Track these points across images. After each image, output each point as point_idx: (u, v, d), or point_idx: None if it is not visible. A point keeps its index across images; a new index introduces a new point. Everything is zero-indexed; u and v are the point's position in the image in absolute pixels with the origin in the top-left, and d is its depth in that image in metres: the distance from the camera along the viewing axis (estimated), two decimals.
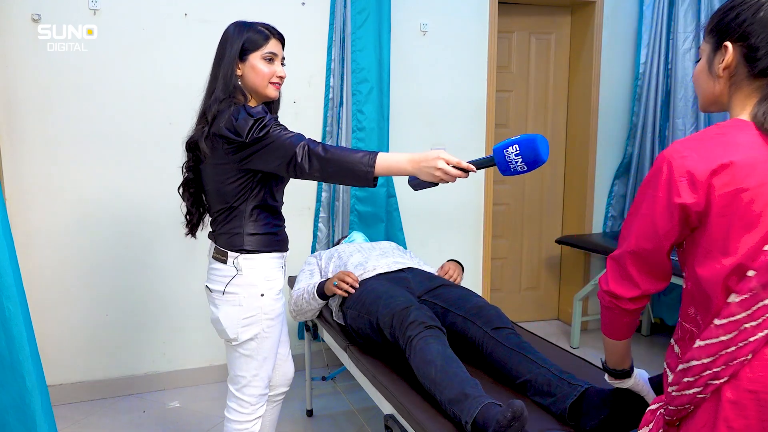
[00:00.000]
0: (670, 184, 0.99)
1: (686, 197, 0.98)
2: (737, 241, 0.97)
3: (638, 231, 1.05)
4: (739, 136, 1.00)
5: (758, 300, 0.96)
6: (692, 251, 1.03)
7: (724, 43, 1.05)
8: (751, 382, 0.97)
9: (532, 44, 3.74)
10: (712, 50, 1.09)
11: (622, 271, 1.08)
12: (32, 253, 2.71)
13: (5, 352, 1.59)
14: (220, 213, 1.68)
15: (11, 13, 2.57)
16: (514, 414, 1.34)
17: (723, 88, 1.08)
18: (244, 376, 1.73)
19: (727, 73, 1.06)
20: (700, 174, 0.97)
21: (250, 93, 1.68)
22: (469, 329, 1.86)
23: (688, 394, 1.02)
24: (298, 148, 1.52)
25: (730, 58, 1.04)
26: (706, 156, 0.98)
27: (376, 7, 2.99)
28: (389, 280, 2.14)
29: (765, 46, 1.01)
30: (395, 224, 3.18)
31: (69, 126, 2.70)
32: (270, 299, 1.69)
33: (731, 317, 0.97)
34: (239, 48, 1.63)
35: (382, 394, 1.79)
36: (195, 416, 2.71)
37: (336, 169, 1.53)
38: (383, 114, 3.07)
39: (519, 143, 1.38)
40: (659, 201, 1.02)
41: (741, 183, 0.96)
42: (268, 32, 1.66)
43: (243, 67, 1.65)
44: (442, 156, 1.47)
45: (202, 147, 1.60)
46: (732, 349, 0.97)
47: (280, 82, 1.69)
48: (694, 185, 0.97)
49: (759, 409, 0.96)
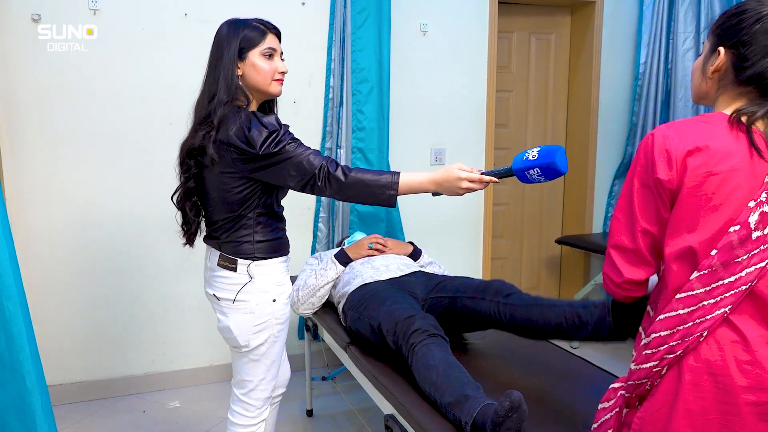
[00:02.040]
0: (652, 161, 1.04)
1: (662, 173, 1.02)
2: (704, 221, 1.00)
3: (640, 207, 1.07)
4: (720, 126, 1.03)
5: (717, 278, 0.99)
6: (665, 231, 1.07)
7: (718, 48, 1.09)
8: (708, 364, 0.99)
9: (532, 44, 3.74)
10: (709, 50, 1.12)
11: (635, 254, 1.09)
12: (32, 253, 2.71)
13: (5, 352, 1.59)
14: (225, 221, 1.64)
15: (11, 13, 2.57)
16: (511, 404, 1.33)
17: (711, 87, 1.12)
18: (252, 380, 1.71)
19: (717, 76, 1.10)
20: (676, 152, 1.01)
21: (252, 92, 1.64)
22: (481, 306, 1.90)
23: (645, 367, 1.05)
24: (317, 170, 1.52)
25: (720, 63, 1.08)
26: (685, 138, 1.02)
27: (376, 7, 2.99)
28: (393, 284, 2.15)
29: (754, 57, 1.04)
30: (395, 224, 3.18)
31: (69, 126, 2.70)
32: (281, 304, 1.68)
33: (690, 292, 1.01)
34: (237, 47, 1.58)
35: (382, 394, 1.79)
36: (195, 416, 2.71)
37: (356, 192, 1.55)
38: (383, 114, 3.07)
39: (540, 167, 1.41)
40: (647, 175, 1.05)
41: (713, 167, 0.99)
42: (264, 27, 1.62)
43: (243, 67, 1.60)
44: (463, 172, 1.52)
45: (210, 153, 1.54)
46: (689, 325, 1.00)
47: (282, 78, 1.65)
48: (669, 162, 1.02)
49: (717, 391, 0.98)
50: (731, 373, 0.97)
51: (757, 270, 0.97)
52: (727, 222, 0.99)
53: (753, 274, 0.97)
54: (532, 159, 1.42)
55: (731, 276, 0.98)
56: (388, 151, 3.11)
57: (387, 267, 2.27)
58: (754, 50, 1.04)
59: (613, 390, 1.16)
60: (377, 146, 3.05)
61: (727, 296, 0.98)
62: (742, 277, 0.98)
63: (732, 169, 0.99)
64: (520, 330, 1.85)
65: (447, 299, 2.01)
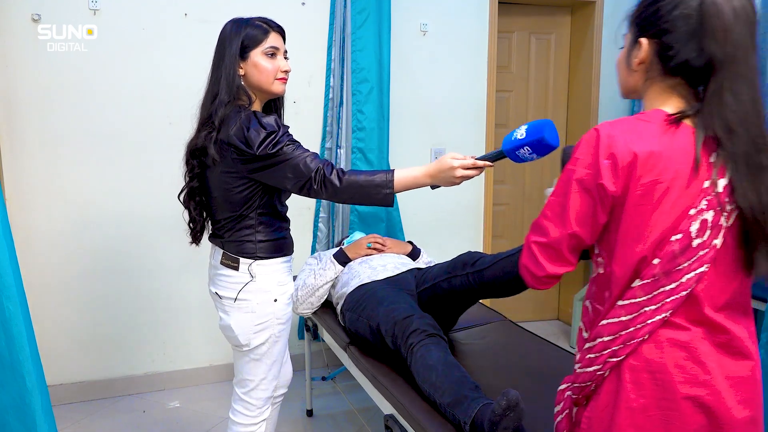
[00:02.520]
0: (596, 164, 1.00)
1: (606, 180, 0.99)
2: (649, 230, 0.99)
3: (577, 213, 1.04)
4: (664, 127, 1.00)
5: (659, 286, 0.99)
6: (609, 237, 1.05)
7: (640, 39, 1.05)
8: (647, 363, 1.01)
9: (532, 44, 3.74)
10: (631, 42, 1.08)
11: (557, 253, 1.07)
12: (32, 253, 2.71)
13: (5, 352, 1.59)
14: (228, 220, 1.64)
15: (11, 13, 2.57)
16: (509, 403, 1.34)
17: (638, 80, 1.08)
18: (252, 379, 1.71)
19: (643, 68, 1.06)
20: (622, 158, 0.97)
21: (255, 92, 1.63)
22: (455, 283, 2.00)
23: (590, 371, 1.06)
24: (314, 173, 1.52)
25: (644, 54, 1.04)
26: (631, 141, 0.98)
27: (376, 7, 2.99)
28: (390, 283, 2.15)
29: (678, 44, 1.00)
30: (395, 224, 3.18)
31: (69, 126, 2.70)
32: (282, 304, 1.68)
33: (633, 299, 1.01)
34: (239, 46, 1.57)
35: (382, 394, 1.79)
36: (195, 416, 2.71)
37: (351, 195, 1.54)
38: (383, 114, 3.07)
39: (530, 145, 1.38)
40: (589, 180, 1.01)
41: (659, 175, 0.97)
42: (266, 26, 1.60)
43: (245, 66, 1.59)
44: (456, 161, 1.51)
45: (211, 153, 1.55)
46: (631, 330, 1.01)
47: (285, 76, 1.63)
48: (615, 169, 0.98)
49: (656, 388, 1.00)
50: (669, 371, 0.99)
51: (696, 275, 0.98)
52: (669, 230, 0.98)
53: (693, 279, 0.99)
54: (521, 138, 1.38)
55: (672, 283, 0.99)
56: (388, 151, 3.11)
57: (384, 267, 2.27)
58: (675, 37, 1.00)
59: (561, 392, 1.16)
60: (377, 146, 3.05)
61: (668, 302, 0.99)
62: (682, 283, 0.99)
63: (676, 176, 0.97)
64: (495, 290, 1.94)
65: (429, 288, 2.07)
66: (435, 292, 2.05)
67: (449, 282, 2.01)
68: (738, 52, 0.97)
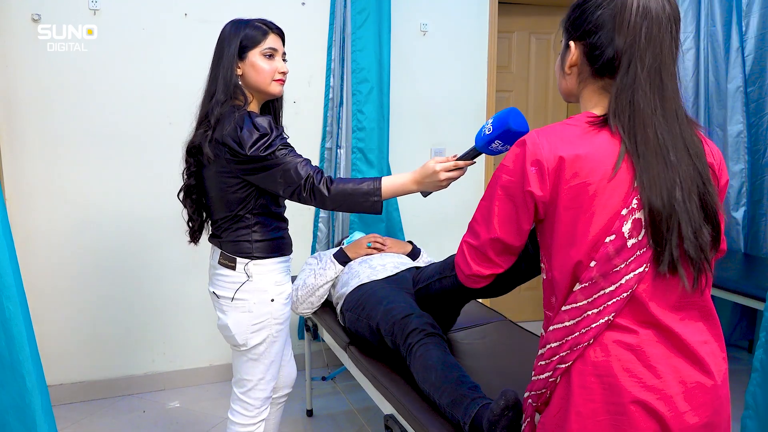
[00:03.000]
0: (523, 172, 1.01)
1: (534, 187, 1.00)
2: (582, 233, 0.99)
3: (500, 218, 1.06)
4: (588, 129, 1.01)
5: (598, 289, 0.99)
6: (547, 243, 1.06)
7: (569, 42, 1.07)
8: (595, 366, 0.99)
9: (532, 44, 3.74)
10: (564, 47, 1.10)
11: (483, 255, 1.11)
12: (32, 253, 2.71)
13: (5, 352, 1.59)
14: (224, 220, 1.65)
15: (11, 13, 2.57)
16: (507, 403, 1.34)
17: (572, 83, 1.10)
18: (250, 379, 1.71)
19: (575, 71, 1.08)
20: (548, 164, 0.99)
21: (252, 92, 1.64)
22: (445, 284, 1.99)
23: (542, 378, 1.06)
24: (303, 180, 1.52)
25: (574, 57, 1.06)
26: (556, 146, 0.99)
27: (376, 7, 2.99)
28: (389, 283, 2.15)
29: (602, 45, 1.01)
30: (395, 224, 3.18)
31: (69, 126, 2.70)
32: (280, 304, 1.68)
33: (574, 304, 1.01)
34: (237, 46, 1.58)
35: (382, 394, 1.79)
36: (195, 416, 2.71)
37: (339, 203, 1.55)
38: (383, 114, 3.07)
39: (500, 138, 1.38)
40: (514, 187, 1.03)
41: (586, 177, 0.97)
42: (266, 27, 1.61)
43: (243, 66, 1.60)
44: (438, 164, 1.52)
45: (206, 152, 1.56)
46: (576, 335, 1.00)
47: (283, 78, 1.64)
48: (542, 175, 0.99)
49: (603, 392, 0.98)
50: (616, 373, 0.98)
51: (636, 276, 0.97)
52: (602, 231, 0.98)
53: (633, 280, 0.97)
54: (489, 133, 1.39)
55: (612, 285, 0.98)
56: (388, 151, 3.11)
57: (384, 266, 2.27)
58: (600, 38, 1.01)
59: (524, 400, 1.16)
60: (377, 146, 3.05)
61: (609, 304, 0.98)
62: (622, 285, 0.97)
63: (603, 177, 0.97)
64: (485, 290, 1.91)
65: (423, 288, 2.07)
66: (428, 292, 2.05)
67: (440, 282, 2.01)
68: (637, 46, 0.98)
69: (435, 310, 2.06)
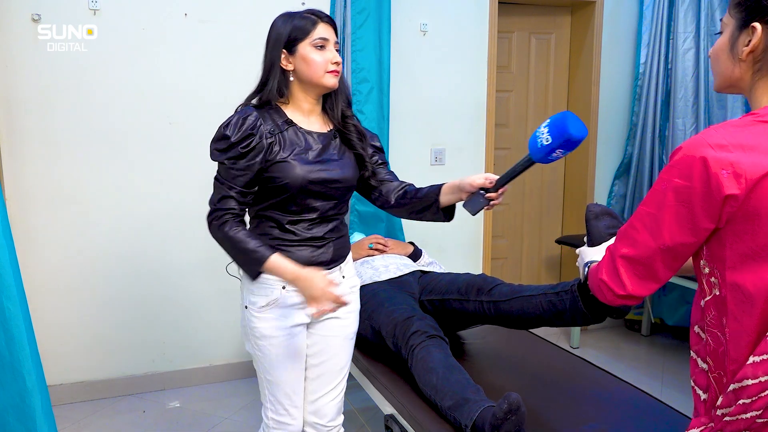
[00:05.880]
0: (709, 176, 0.84)
1: (730, 189, 0.84)
2: None
3: (671, 225, 0.90)
4: None
5: None
6: (726, 256, 0.89)
7: (753, 24, 0.90)
8: None
9: (532, 44, 3.74)
10: (736, 27, 0.93)
11: (647, 269, 0.94)
12: (32, 253, 2.70)
13: (5, 352, 1.59)
14: None
15: (11, 13, 2.57)
16: (510, 406, 1.33)
17: (744, 72, 0.93)
18: (261, 392, 1.61)
19: (752, 58, 0.91)
20: (748, 172, 0.83)
21: (307, 87, 1.52)
22: (467, 307, 1.97)
23: (746, 418, 0.87)
24: (210, 209, 1.46)
25: (757, 41, 0.89)
26: (754, 153, 0.83)
27: (376, 7, 2.99)
28: (391, 285, 2.15)
29: None
30: (395, 224, 3.18)
31: (69, 126, 2.70)
32: (252, 315, 1.52)
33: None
34: (286, 39, 1.47)
35: (382, 394, 1.79)
36: (195, 416, 2.71)
37: (225, 248, 1.47)
38: (383, 114, 3.07)
39: (561, 147, 1.31)
40: (696, 193, 0.87)
41: None
42: (315, 17, 1.48)
43: (294, 61, 1.48)
44: (323, 280, 1.38)
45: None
46: None
47: (337, 69, 1.50)
48: (738, 178, 0.83)
49: None
50: None
51: None
52: None
53: None
54: (548, 143, 1.32)
55: None
56: (388, 152, 3.11)
57: (386, 268, 2.27)
58: None
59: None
60: None
61: None
62: None
63: None
64: (506, 322, 1.92)
65: (437, 301, 2.05)
66: (444, 307, 2.03)
67: (461, 304, 1.99)
68: None
69: (445, 323, 2.04)
